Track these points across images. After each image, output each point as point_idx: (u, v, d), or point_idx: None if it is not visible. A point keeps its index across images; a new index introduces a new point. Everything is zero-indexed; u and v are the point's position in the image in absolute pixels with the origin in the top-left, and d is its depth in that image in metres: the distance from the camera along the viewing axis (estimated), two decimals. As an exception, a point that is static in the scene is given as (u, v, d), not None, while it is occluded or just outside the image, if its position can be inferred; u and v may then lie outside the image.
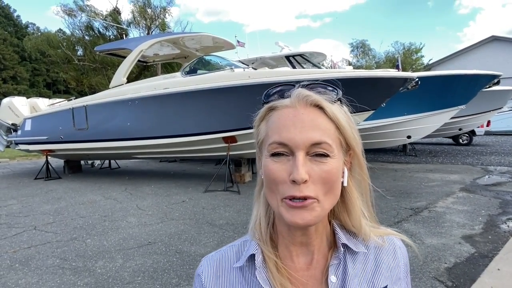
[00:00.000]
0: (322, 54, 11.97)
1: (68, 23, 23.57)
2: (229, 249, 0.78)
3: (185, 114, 7.23)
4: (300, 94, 0.65)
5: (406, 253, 0.78)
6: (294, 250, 0.72)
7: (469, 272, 3.25)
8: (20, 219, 5.46)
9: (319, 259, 0.72)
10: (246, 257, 0.72)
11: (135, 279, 3.30)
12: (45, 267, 3.60)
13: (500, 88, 11.98)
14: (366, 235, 0.74)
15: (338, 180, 0.65)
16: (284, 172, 0.62)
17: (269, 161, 0.64)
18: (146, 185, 8.01)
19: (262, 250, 0.72)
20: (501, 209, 5.25)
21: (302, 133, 0.61)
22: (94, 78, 23.32)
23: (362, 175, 0.73)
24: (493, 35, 28.65)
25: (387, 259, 0.74)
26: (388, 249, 0.75)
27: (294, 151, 0.62)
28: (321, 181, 0.62)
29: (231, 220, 5.08)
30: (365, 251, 0.73)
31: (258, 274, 0.69)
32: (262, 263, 0.71)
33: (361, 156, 0.71)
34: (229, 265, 0.74)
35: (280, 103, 0.66)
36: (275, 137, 0.63)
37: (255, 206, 0.77)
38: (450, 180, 7.64)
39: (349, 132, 0.66)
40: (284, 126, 0.63)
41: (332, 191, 0.64)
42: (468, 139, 15.23)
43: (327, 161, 0.62)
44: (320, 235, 0.72)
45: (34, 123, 9.31)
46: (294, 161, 0.61)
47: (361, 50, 33.69)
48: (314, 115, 0.63)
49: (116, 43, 10.09)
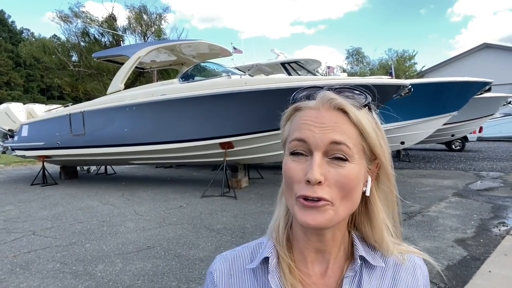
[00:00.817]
0: (317, 61, 12.14)
1: (64, 29, 23.60)
2: (243, 249, 0.77)
3: (183, 120, 7.32)
4: (324, 97, 0.64)
5: (426, 273, 0.74)
6: (309, 256, 0.71)
7: (461, 274, 3.35)
8: (19, 224, 5.49)
9: (335, 269, 0.70)
10: (260, 259, 0.71)
11: (135, 282, 3.36)
12: (45, 271, 3.64)
13: (491, 95, 12.19)
14: (388, 251, 0.71)
15: (356, 187, 0.63)
16: (300, 172, 0.62)
17: (288, 159, 0.65)
18: (142, 190, 8.05)
19: (277, 253, 0.71)
20: (493, 214, 5.37)
21: (321, 132, 0.61)
22: (89, 84, 23.29)
23: (389, 186, 0.70)
24: (484, 43, 29.09)
25: (405, 277, 0.71)
26: (408, 267, 0.72)
27: (312, 150, 0.61)
28: (337, 185, 0.61)
29: (229, 225, 5.14)
30: (383, 265, 0.71)
31: (271, 278, 0.68)
32: (276, 266, 0.70)
33: (388, 166, 0.68)
34: (243, 265, 0.74)
35: (304, 104, 0.67)
36: (296, 134, 0.64)
37: (277, 206, 0.77)
38: (443, 185, 7.77)
39: (374, 139, 0.64)
40: (305, 124, 0.63)
41: (349, 198, 0.62)
42: (460, 145, 15.42)
43: (345, 165, 0.61)
44: (337, 244, 0.70)
45: (31, 129, 9.33)
46: (311, 161, 0.61)
47: (356, 58, 34.10)
48: (336, 118, 0.62)
49: (114, 50, 10.17)
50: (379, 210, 0.70)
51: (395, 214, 0.73)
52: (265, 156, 7.43)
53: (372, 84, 6.84)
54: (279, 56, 11.77)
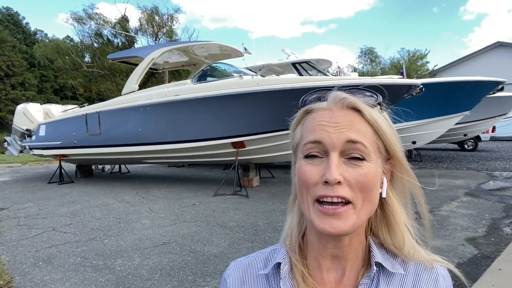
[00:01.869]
0: (328, 61, 12.18)
1: (78, 30, 24.03)
2: (257, 255, 0.76)
3: (196, 120, 7.46)
4: (336, 97, 0.63)
5: (450, 284, 0.68)
6: (324, 263, 0.68)
7: (471, 272, 3.39)
8: (39, 220, 5.68)
9: (351, 276, 0.67)
10: (272, 265, 0.70)
11: (153, 276, 3.48)
12: (67, 265, 3.80)
13: (504, 94, 12.09)
14: (408, 257, 0.67)
15: (375, 187, 0.62)
16: (316, 174, 0.60)
17: (303, 163, 0.62)
18: (156, 189, 8.22)
19: (290, 259, 0.70)
20: (504, 213, 5.37)
21: (337, 132, 0.59)
22: (102, 85, 23.69)
23: (410, 182, 0.67)
24: (498, 41, 28.71)
25: (426, 286, 0.66)
26: (430, 276, 0.67)
27: (329, 151, 0.59)
28: (358, 186, 0.59)
29: (241, 223, 5.25)
30: (403, 273, 0.66)
31: (283, 284, 0.66)
32: (289, 272, 0.68)
33: (404, 162, 0.66)
34: (256, 271, 0.73)
35: (316, 106, 0.65)
36: (310, 136, 0.62)
37: (288, 215, 0.75)
38: (455, 185, 7.76)
39: (390, 136, 0.63)
40: (319, 126, 0.61)
41: (369, 199, 0.60)
42: (473, 145, 15.32)
43: (363, 164, 0.59)
44: (355, 250, 0.67)
45: (48, 128, 9.59)
46: (328, 161, 0.59)
47: (369, 57, 33.95)
48: (351, 117, 0.61)
49: (128, 51, 10.39)
50: (397, 212, 0.67)
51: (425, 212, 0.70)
52: (276, 155, 7.52)
53: (383, 84, 6.91)
54: (290, 56, 11.85)
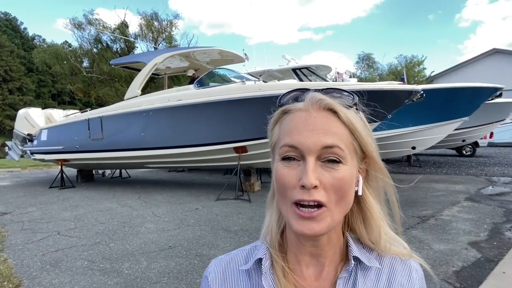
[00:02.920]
0: (327, 67, 12.28)
1: (77, 36, 24.09)
2: (238, 252, 0.77)
3: (198, 125, 7.51)
4: (313, 98, 0.63)
5: (422, 278, 0.72)
6: (303, 259, 0.70)
7: (476, 275, 3.44)
8: (43, 225, 5.69)
9: (330, 271, 0.69)
10: (253, 260, 0.71)
11: (161, 279, 3.51)
12: (75, 268, 3.82)
13: (502, 101, 12.23)
14: (384, 250, 0.70)
15: (350, 189, 0.63)
16: (294, 178, 0.61)
17: (280, 165, 0.63)
18: (158, 193, 8.24)
19: (271, 255, 0.71)
20: (505, 218, 5.43)
21: (313, 137, 0.60)
22: (101, 90, 23.69)
23: (384, 180, 0.70)
24: (494, 48, 29.02)
25: (400, 279, 0.69)
26: (404, 270, 0.70)
27: (305, 156, 0.60)
28: (333, 189, 0.60)
29: (245, 227, 5.29)
30: (378, 266, 0.69)
31: (264, 279, 0.68)
32: (270, 268, 0.69)
33: (379, 161, 0.68)
34: (237, 268, 0.74)
35: (293, 106, 0.65)
36: (286, 139, 0.62)
37: (268, 212, 0.76)
38: (455, 190, 7.83)
39: (364, 138, 0.64)
40: (295, 129, 0.62)
41: (344, 200, 0.62)
42: (471, 150, 15.41)
43: (339, 168, 0.60)
44: (333, 247, 0.69)
45: (50, 133, 9.61)
46: (305, 166, 0.60)
47: (366, 63, 34.20)
48: (327, 119, 0.62)
49: (131, 57, 10.45)
50: (373, 208, 0.69)
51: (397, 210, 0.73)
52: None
53: (385, 90, 6.99)
54: (290, 62, 11.93)
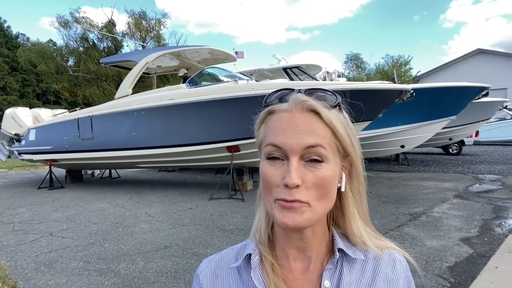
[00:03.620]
0: (317, 66, 12.39)
1: (63, 34, 23.72)
2: (229, 251, 0.79)
3: (190, 124, 7.48)
4: (297, 99, 0.65)
5: (407, 268, 0.75)
6: (291, 253, 0.72)
7: (469, 270, 3.53)
8: (34, 226, 5.61)
9: (317, 264, 0.72)
10: (243, 257, 0.73)
11: (159, 279, 3.50)
12: (70, 269, 3.78)
13: (488, 100, 12.48)
14: (363, 244, 0.73)
15: (332, 186, 0.66)
16: (278, 177, 0.63)
17: (265, 164, 0.65)
18: (150, 193, 8.18)
19: (260, 251, 0.73)
20: (494, 214, 5.57)
21: (296, 137, 0.62)
22: (88, 90, 23.37)
23: (358, 184, 0.73)
24: (478, 48, 29.63)
25: (385, 271, 0.72)
26: (388, 262, 0.73)
27: (289, 155, 0.62)
28: (315, 187, 0.62)
29: (240, 226, 5.30)
30: (363, 258, 0.72)
31: (253, 274, 0.69)
32: (259, 263, 0.71)
33: (358, 164, 0.71)
34: (227, 265, 0.75)
35: (278, 107, 0.67)
36: (271, 139, 0.64)
37: (257, 209, 0.78)
38: (443, 187, 7.97)
39: (345, 139, 0.66)
40: (279, 130, 0.64)
41: (325, 197, 0.64)
42: (457, 149, 15.69)
43: (321, 167, 0.63)
44: (318, 241, 0.71)
45: (38, 133, 9.44)
46: (288, 165, 0.62)
47: (354, 63, 34.55)
48: (309, 120, 0.63)
49: (121, 55, 10.34)
50: (351, 204, 0.72)
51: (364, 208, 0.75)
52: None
53: (376, 89, 7.08)
54: (280, 62, 11.98)
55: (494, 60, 28.23)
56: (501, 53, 29.52)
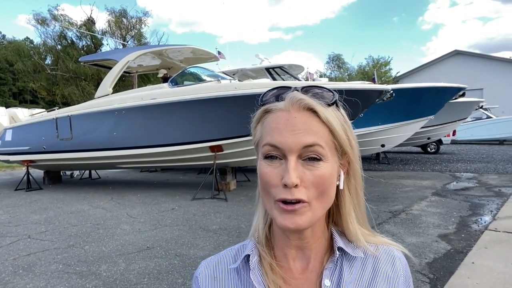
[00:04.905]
0: (300, 66, 12.47)
1: (41, 32, 23.16)
2: (227, 252, 0.79)
3: (173, 124, 7.41)
4: (293, 98, 0.64)
5: (406, 265, 0.75)
6: (289, 253, 0.72)
7: (447, 266, 3.62)
8: (11, 228, 5.46)
9: (316, 264, 0.71)
10: (241, 258, 0.73)
11: (142, 280, 3.46)
12: (49, 272, 3.70)
13: (465, 100, 12.82)
14: (356, 240, 0.72)
15: (331, 185, 0.65)
16: (276, 176, 0.63)
17: (263, 164, 0.65)
18: (131, 194, 8.07)
19: (258, 251, 0.72)
20: (471, 211, 5.73)
21: (294, 136, 0.61)
22: (66, 89, 22.87)
23: (355, 183, 0.73)
24: (456, 50, 30.38)
25: (384, 268, 0.72)
26: (387, 259, 0.74)
27: (286, 155, 0.62)
28: (314, 186, 0.62)
29: (223, 225, 5.29)
30: (362, 256, 0.72)
31: (252, 275, 0.69)
32: (258, 264, 0.71)
33: (355, 162, 0.71)
34: (226, 266, 0.75)
35: (274, 106, 0.66)
36: (268, 139, 0.64)
37: (256, 209, 0.78)
38: (422, 185, 8.16)
39: (342, 137, 0.66)
40: (276, 129, 0.63)
41: (324, 196, 0.64)
42: (435, 148, 16.09)
43: (319, 166, 0.62)
44: (318, 240, 0.71)
45: (15, 133, 9.19)
46: (286, 165, 0.61)
47: (336, 63, 34.94)
48: (307, 119, 0.63)
49: (101, 54, 10.18)
50: (347, 201, 0.72)
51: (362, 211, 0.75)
52: (254, 159, 7.59)
53: (356, 89, 7.18)
54: (263, 61, 12.01)
55: (471, 61, 28.99)
56: (477, 54, 30.36)
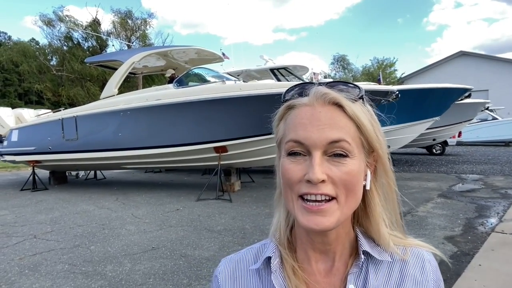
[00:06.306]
0: (304, 67, 12.47)
1: (47, 33, 23.32)
2: (247, 251, 0.77)
3: (178, 124, 7.43)
4: (318, 92, 0.62)
5: (436, 267, 0.71)
6: (313, 255, 0.69)
7: (454, 268, 3.59)
8: (17, 228, 5.49)
9: (340, 266, 0.69)
10: (263, 259, 0.71)
11: (147, 280, 3.47)
12: (55, 272, 3.71)
13: (471, 101, 12.75)
14: (385, 244, 0.68)
15: (359, 183, 0.62)
16: (299, 172, 0.60)
17: (286, 160, 0.63)
18: (136, 195, 8.09)
19: (280, 253, 0.70)
20: (477, 213, 5.68)
21: (319, 132, 0.59)
22: (72, 90, 22.99)
23: (387, 179, 0.69)
24: (461, 50, 30.24)
25: (413, 272, 0.68)
26: (416, 262, 0.69)
27: (311, 151, 0.59)
28: (342, 183, 0.59)
29: (228, 226, 5.29)
30: (390, 260, 0.68)
31: (274, 278, 0.67)
32: (279, 266, 0.69)
33: (385, 159, 0.67)
34: (247, 267, 0.73)
35: (298, 102, 0.64)
36: (292, 135, 0.62)
37: (276, 209, 0.76)
38: (427, 187, 8.10)
39: (371, 132, 0.63)
40: (301, 125, 0.61)
41: (352, 194, 0.61)
42: (441, 149, 15.98)
43: (346, 162, 0.60)
44: (342, 242, 0.68)
45: (21, 133, 9.25)
46: (311, 161, 0.59)
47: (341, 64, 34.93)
48: (332, 114, 0.60)
49: (107, 55, 10.22)
50: (376, 203, 0.68)
51: (396, 209, 0.71)
52: (258, 160, 7.59)
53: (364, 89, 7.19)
54: (267, 62, 12.02)
55: (476, 62, 28.85)
56: (482, 55, 30.24)
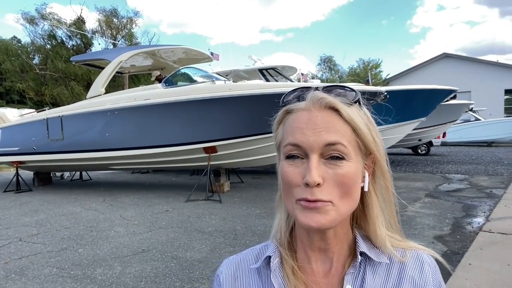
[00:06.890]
0: (293, 67, 12.49)
1: (29, 31, 22.79)
2: (249, 252, 0.79)
3: (166, 125, 7.35)
4: (314, 97, 0.64)
5: (436, 270, 0.71)
6: (312, 255, 0.70)
7: (444, 267, 3.62)
8: (1, 231, 5.34)
9: (338, 267, 0.70)
10: (263, 258, 0.73)
11: (139, 284, 3.40)
12: (43, 276, 3.61)
13: (456, 102, 12.98)
14: (382, 246, 0.69)
15: (355, 184, 0.63)
16: (298, 175, 0.62)
17: (284, 163, 0.64)
18: (124, 196, 7.97)
19: (280, 253, 0.72)
20: (464, 212, 5.77)
21: (316, 135, 0.61)
22: (55, 89, 22.48)
23: (384, 181, 0.70)
24: (444, 52, 30.84)
25: (411, 274, 0.68)
26: (415, 264, 0.69)
27: (308, 153, 0.61)
28: (336, 185, 0.61)
29: (219, 227, 5.24)
30: (387, 261, 0.69)
31: (273, 277, 0.69)
32: (279, 266, 0.70)
33: (382, 161, 0.68)
34: (248, 266, 0.75)
35: (295, 106, 0.66)
36: (290, 139, 0.63)
37: (277, 211, 0.77)
38: (414, 187, 8.21)
39: (367, 135, 0.64)
40: (298, 128, 0.63)
41: (348, 195, 0.62)
42: (426, 150, 16.21)
43: (342, 164, 0.61)
44: (340, 242, 0.70)
45: (4, 134, 9.02)
46: (308, 164, 0.61)
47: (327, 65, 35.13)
48: (329, 118, 0.62)
49: (94, 53, 10.06)
50: (374, 204, 0.69)
51: (393, 211, 0.72)
52: (248, 160, 7.57)
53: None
54: (256, 63, 12.00)
55: (459, 64, 29.45)
56: (465, 57, 30.90)
